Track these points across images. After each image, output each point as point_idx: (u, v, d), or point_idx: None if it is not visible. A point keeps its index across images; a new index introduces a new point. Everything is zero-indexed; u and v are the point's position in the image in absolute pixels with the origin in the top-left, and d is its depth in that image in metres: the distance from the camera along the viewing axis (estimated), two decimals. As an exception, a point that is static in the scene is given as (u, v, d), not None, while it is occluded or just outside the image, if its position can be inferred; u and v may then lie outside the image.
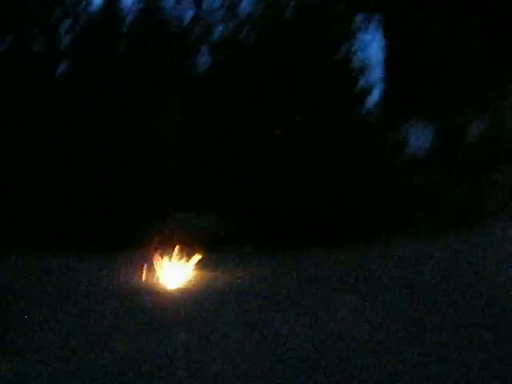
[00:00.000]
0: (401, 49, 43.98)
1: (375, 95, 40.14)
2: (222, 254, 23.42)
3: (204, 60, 34.66)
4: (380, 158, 33.38)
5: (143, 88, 31.31)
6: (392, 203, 31.65)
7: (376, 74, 40.98)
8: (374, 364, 8.25)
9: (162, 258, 16.57)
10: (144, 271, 16.47)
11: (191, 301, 12.80)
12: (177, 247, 17.33)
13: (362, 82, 37.05)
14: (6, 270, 20.24)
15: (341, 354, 8.66)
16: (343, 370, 8.07)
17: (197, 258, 18.46)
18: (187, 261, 17.08)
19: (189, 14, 31.02)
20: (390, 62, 45.14)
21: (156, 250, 17.60)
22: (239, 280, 15.77)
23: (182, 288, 14.87)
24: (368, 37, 36.12)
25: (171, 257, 16.80)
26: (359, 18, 38.26)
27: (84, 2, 28.55)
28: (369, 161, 31.65)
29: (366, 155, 31.44)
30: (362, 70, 37.34)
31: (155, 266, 16.29)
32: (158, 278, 15.97)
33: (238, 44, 31.02)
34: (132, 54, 33.45)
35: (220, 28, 34.66)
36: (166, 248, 17.26)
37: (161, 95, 30.86)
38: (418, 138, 38.15)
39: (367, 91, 37.68)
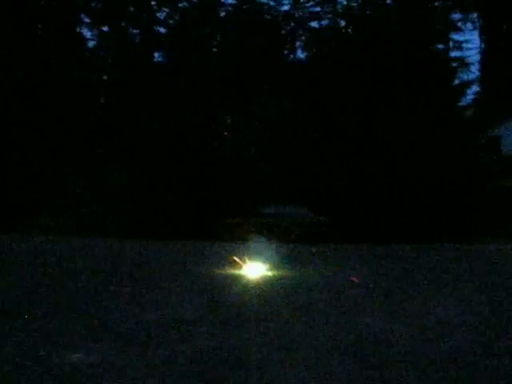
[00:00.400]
0: (498, 48, 43.02)
1: (471, 94, 39.55)
2: (309, 248, 23.60)
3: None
4: (476, 155, 32.81)
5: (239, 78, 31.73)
6: (484, 204, 31.14)
7: (473, 72, 40.28)
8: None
9: (250, 251, 16.70)
10: (231, 262, 16.72)
11: (279, 295, 12.82)
12: (264, 241, 17.48)
13: (458, 81, 36.69)
14: (108, 251, 21.25)
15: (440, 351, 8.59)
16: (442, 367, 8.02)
17: (284, 251, 18.60)
18: (273, 255, 17.21)
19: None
20: (486, 61, 44.30)
21: (243, 242, 17.80)
22: (329, 275, 15.79)
23: (269, 281, 14.94)
24: (464, 36, 35.58)
25: (259, 250, 16.92)
26: (455, 17, 37.69)
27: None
28: (464, 158, 31.17)
29: (462, 152, 30.96)
30: (458, 69, 36.88)
31: (242, 258, 16.46)
32: (244, 269, 16.12)
33: (337, 38, 31.07)
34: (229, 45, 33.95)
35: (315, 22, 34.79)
36: (253, 241, 17.45)
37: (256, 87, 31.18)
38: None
39: (463, 89, 37.15)
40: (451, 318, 10.55)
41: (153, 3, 39.57)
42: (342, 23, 33.11)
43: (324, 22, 38.13)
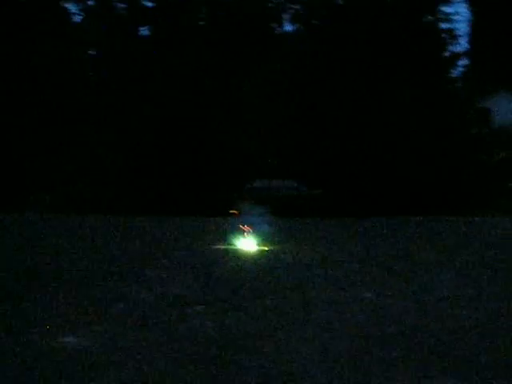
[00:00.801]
0: (487, 21, 42.71)
1: (460, 66, 39.28)
2: (305, 222, 23.45)
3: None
4: (466, 127, 32.70)
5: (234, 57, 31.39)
6: (474, 178, 31.07)
7: (462, 45, 39.96)
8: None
9: (246, 224, 16.54)
10: (230, 236, 16.56)
11: (276, 267, 12.63)
12: (260, 215, 17.33)
13: (447, 53, 36.45)
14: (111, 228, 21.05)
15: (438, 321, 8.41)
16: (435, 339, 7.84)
17: (279, 224, 18.42)
18: (270, 228, 17.05)
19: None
20: (475, 33, 43.99)
21: (240, 216, 17.68)
22: (323, 250, 15.62)
23: (265, 254, 14.77)
24: (453, 8, 35.29)
25: (255, 224, 16.75)
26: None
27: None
28: (454, 130, 31.07)
29: (452, 125, 30.86)
30: (447, 41, 36.59)
31: (240, 231, 16.29)
32: (242, 243, 15.97)
33: (332, 13, 30.68)
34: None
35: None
36: (249, 215, 17.28)
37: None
38: (504, 108, 37.11)
39: (452, 62, 36.91)
40: (451, 292, 10.37)
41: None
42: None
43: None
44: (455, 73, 38.85)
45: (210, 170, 28.06)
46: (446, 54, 35.77)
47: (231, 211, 16.88)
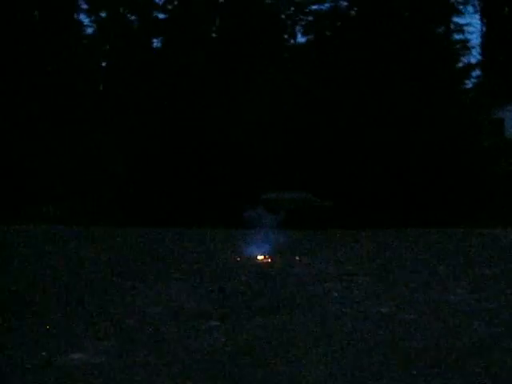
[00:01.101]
0: (499, 32, 42.44)
1: (473, 77, 39.12)
2: (318, 234, 23.27)
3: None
4: (478, 138, 32.46)
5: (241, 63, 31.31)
6: (487, 189, 30.80)
7: (473, 56, 39.80)
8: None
9: (263, 236, 16.36)
10: (244, 248, 16.37)
11: (290, 281, 12.44)
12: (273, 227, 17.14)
13: (458, 64, 36.30)
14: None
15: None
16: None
17: (292, 236, 18.23)
18: (282, 240, 16.86)
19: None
20: (487, 44, 43.72)
21: (252, 229, 17.51)
22: (336, 262, 15.42)
23: (279, 267, 14.57)
24: (465, 19, 35.12)
25: (268, 236, 16.57)
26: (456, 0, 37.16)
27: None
28: (465, 142, 30.85)
29: (463, 136, 30.64)
30: (460, 52, 36.45)
31: (257, 244, 16.09)
32: (256, 255, 15.78)
33: (341, 19, 30.62)
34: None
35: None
36: (262, 227, 17.10)
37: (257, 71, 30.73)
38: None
39: (465, 73, 36.75)
40: (467, 306, 10.17)
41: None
42: (344, 4, 32.70)
43: (324, 6, 37.57)
44: (468, 84, 38.72)
45: (224, 181, 27.93)
46: (459, 64, 35.64)
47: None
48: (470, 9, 43.65)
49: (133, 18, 38.39)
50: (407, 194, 27.52)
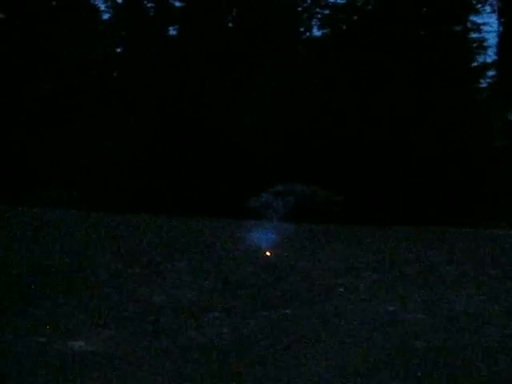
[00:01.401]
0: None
1: (487, 77, 38.78)
2: (326, 228, 23.14)
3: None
4: (491, 139, 32.22)
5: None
6: (499, 190, 30.61)
7: (490, 56, 39.44)
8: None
9: (269, 228, 16.23)
10: (252, 240, 16.22)
11: (295, 275, 12.31)
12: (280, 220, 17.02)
13: (474, 63, 35.99)
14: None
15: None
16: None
17: (299, 230, 18.10)
18: (292, 233, 16.72)
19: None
20: (504, 45, 43.36)
21: (258, 221, 17.38)
22: (348, 257, 15.27)
23: (284, 260, 14.44)
24: (482, 19, 34.78)
25: (274, 228, 16.45)
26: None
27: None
28: (477, 142, 30.61)
29: (475, 135, 30.40)
30: (475, 51, 36.12)
31: (263, 236, 15.96)
32: (264, 247, 15.65)
33: (355, 13, 30.44)
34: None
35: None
36: (269, 220, 16.99)
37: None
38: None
39: (479, 72, 36.42)
40: (475, 306, 10.03)
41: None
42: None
43: (341, 0, 37.44)
44: (483, 83, 38.38)
45: (230, 171, 27.78)
46: (475, 63, 35.33)
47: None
48: (488, 8, 43.22)
49: (149, 5, 38.38)
50: (419, 192, 27.36)
